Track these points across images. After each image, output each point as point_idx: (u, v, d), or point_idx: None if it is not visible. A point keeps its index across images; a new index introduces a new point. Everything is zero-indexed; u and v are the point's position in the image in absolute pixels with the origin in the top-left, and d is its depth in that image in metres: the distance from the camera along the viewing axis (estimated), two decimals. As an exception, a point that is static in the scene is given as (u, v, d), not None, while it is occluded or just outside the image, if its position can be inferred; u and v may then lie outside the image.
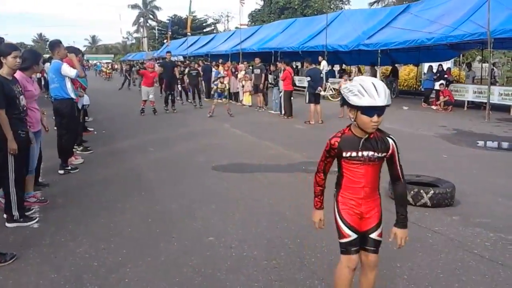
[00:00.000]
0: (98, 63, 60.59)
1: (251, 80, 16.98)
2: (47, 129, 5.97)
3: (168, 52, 17.13)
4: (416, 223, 4.77)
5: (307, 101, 12.86)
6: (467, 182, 6.33)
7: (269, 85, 16.80)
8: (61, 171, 6.95)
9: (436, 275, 3.63)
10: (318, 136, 10.57)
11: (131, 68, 31.71)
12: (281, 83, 13.92)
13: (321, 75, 14.56)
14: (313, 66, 13.58)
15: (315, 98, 12.61)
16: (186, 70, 18.86)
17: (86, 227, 4.73)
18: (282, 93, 13.93)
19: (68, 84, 6.92)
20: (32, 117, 5.21)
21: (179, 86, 18.62)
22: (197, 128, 11.86)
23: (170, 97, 15.24)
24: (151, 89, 14.63)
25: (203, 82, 19.36)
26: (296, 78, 22.48)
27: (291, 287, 3.45)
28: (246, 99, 16.95)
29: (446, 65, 20.59)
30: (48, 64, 9.43)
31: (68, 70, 6.77)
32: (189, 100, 17.87)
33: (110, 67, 49.38)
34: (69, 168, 7.10)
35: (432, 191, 5.23)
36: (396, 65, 23.66)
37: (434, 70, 18.29)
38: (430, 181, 5.76)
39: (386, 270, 3.70)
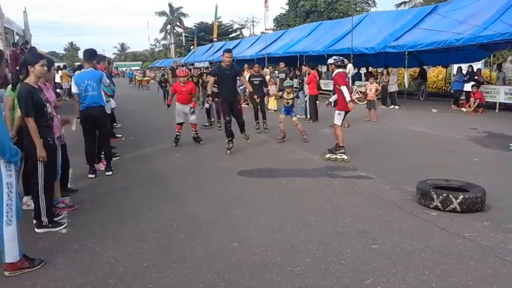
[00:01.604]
0: (129, 70, 52.27)
1: (276, 84, 16.95)
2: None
3: (227, 51, 9.03)
4: (445, 229, 4.66)
5: (332, 105, 12.74)
6: (499, 186, 6.14)
7: (293, 89, 16.71)
8: (109, 173, 7.43)
9: (466, 282, 3.53)
10: (344, 140, 10.46)
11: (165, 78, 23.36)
12: (306, 87, 13.85)
13: (347, 79, 14.39)
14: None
15: (341, 102, 12.47)
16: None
17: (112, 233, 4.80)
18: (307, 97, 13.86)
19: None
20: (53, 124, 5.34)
21: (206, 102, 13.22)
22: (221, 133, 11.88)
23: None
24: (189, 107, 9.94)
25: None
26: (322, 81, 22.35)
27: (315, 294, 3.41)
28: (271, 103, 16.92)
29: (476, 66, 20.10)
30: (63, 71, 9.70)
31: (106, 79, 7.53)
32: (218, 124, 12.28)
33: (143, 74, 40.47)
34: (112, 171, 7.53)
35: (461, 196, 5.10)
36: (424, 66, 23.24)
37: (464, 72, 17.88)
38: (459, 186, 5.61)
39: (413, 277, 3.62)
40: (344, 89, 8.14)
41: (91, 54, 7.33)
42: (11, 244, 3.76)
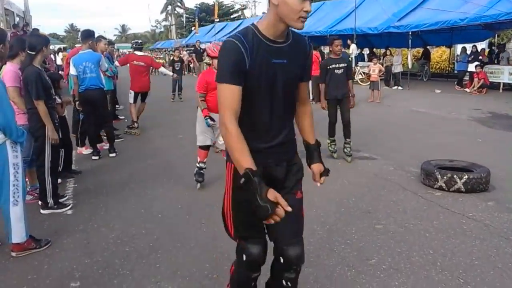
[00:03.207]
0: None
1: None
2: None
3: None
4: (449, 209, 4.67)
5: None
6: (503, 166, 6.13)
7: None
8: (113, 154, 7.40)
9: (470, 262, 3.54)
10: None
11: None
12: (309, 68, 13.72)
13: (350, 59, 14.26)
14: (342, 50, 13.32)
15: (343, 83, 12.36)
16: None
17: (117, 214, 4.83)
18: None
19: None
20: None
21: None
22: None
23: None
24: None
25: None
26: (325, 62, 22.13)
27: (320, 273, 3.43)
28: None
29: (480, 46, 19.90)
30: (64, 53, 9.75)
31: (104, 63, 7.39)
32: None
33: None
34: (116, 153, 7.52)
35: (466, 176, 5.09)
36: (428, 47, 23.01)
37: (468, 52, 17.70)
38: (464, 166, 5.60)
39: (418, 257, 3.64)
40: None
41: (87, 35, 7.28)
42: (18, 225, 3.78)
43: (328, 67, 6.80)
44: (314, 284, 3.29)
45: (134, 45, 9.66)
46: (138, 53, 9.33)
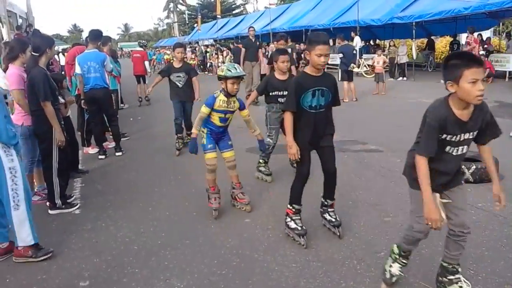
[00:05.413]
0: (160, 52, 34.02)
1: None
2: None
3: None
4: (457, 200, 4.63)
5: (339, 79, 12.63)
6: (511, 156, 6.07)
7: (301, 64, 16.58)
8: (119, 153, 7.43)
9: (481, 252, 3.52)
10: (353, 114, 10.39)
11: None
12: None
13: (354, 52, 14.22)
14: (346, 42, 13.27)
15: (348, 76, 12.35)
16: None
17: (125, 212, 4.84)
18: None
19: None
20: None
21: None
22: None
23: None
24: None
25: None
26: (328, 55, 22.04)
27: (329, 268, 3.42)
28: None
29: (485, 34, 19.74)
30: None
31: (109, 64, 7.41)
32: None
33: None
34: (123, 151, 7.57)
35: (474, 166, 5.06)
36: (432, 37, 22.86)
37: (473, 40, 17.56)
38: (471, 156, 5.51)
39: (427, 249, 3.62)
40: None
41: (96, 35, 7.29)
42: (21, 229, 3.71)
43: None
44: (324, 277, 3.28)
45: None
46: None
